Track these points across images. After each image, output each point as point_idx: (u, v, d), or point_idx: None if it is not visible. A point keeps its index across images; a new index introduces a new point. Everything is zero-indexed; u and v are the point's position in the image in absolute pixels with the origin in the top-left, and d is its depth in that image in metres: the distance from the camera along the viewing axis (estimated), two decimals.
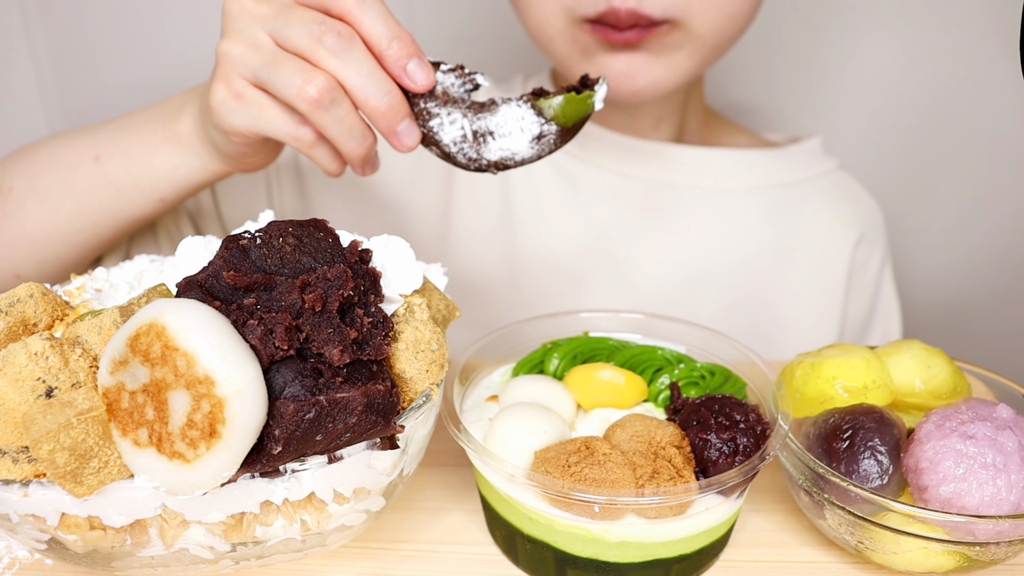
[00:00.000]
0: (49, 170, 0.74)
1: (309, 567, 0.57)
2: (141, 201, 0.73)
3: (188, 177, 0.72)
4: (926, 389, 0.61)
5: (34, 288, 0.51)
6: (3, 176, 0.75)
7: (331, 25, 0.58)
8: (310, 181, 0.95)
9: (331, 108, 0.59)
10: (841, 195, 1.02)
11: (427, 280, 0.56)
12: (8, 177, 0.75)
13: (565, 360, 0.64)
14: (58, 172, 0.73)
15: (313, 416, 0.43)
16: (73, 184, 0.73)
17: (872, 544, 0.54)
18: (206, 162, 0.71)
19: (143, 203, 0.73)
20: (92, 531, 0.46)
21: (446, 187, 0.97)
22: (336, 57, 0.58)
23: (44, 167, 0.74)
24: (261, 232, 0.48)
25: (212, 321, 0.42)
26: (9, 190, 0.74)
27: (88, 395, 0.44)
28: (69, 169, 0.73)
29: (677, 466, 0.53)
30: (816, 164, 1.01)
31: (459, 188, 0.97)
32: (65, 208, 0.73)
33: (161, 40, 1.20)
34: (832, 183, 1.02)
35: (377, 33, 0.58)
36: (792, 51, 1.21)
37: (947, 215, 1.27)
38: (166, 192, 0.72)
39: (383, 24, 0.58)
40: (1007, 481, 0.51)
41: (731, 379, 0.63)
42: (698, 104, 1.00)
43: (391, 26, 0.59)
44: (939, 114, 1.21)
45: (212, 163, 0.71)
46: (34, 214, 0.73)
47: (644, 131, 0.97)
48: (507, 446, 0.55)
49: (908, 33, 1.17)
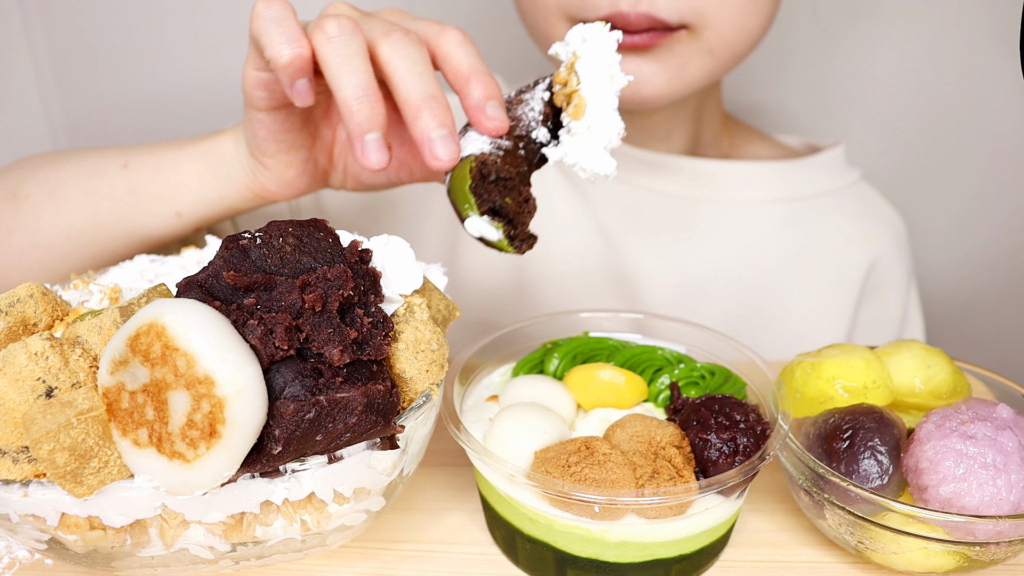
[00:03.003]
0: (72, 178, 0.73)
1: (309, 567, 0.57)
2: (159, 212, 0.71)
3: (211, 189, 0.70)
4: (926, 389, 0.61)
5: (34, 288, 0.51)
6: (20, 183, 0.74)
7: (405, 31, 0.55)
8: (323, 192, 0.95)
9: (343, 40, 0.53)
10: (862, 210, 0.98)
11: (427, 280, 0.56)
12: (26, 184, 0.74)
13: (565, 360, 0.64)
14: (81, 180, 0.72)
15: (313, 416, 0.43)
16: (94, 191, 0.72)
17: (872, 544, 0.54)
18: (233, 173, 0.69)
19: (160, 215, 0.71)
20: (92, 531, 0.46)
21: None
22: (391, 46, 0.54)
23: (68, 175, 0.73)
24: (261, 232, 0.48)
25: (212, 321, 0.42)
26: (26, 197, 0.73)
27: (88, 395, 0.44)
28: (93, 176, 0.72)
29: (677, 466, 0.53)
30: (837, 176, 0.98)
31: None
32: (81, 217, 0.72)
33: (161, 41, 1.20)
34: (853, 196, 0.98)
35: (462, 62, 0.55)
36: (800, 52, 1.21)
37: (947, 215, 1.27)
38: (185, 205, 0.70)
39: (474, 57, 0.56)
40: (1007, 481, 0.51)
41: (731, 379, 0.63)
42: (714, 113, 0.97)
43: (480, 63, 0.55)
44: (939, 114, 1.21)
45: (240, 176, 0.69)
46: (49, 222, 0.72)
47: (655, 143, 0.94)
48: (507, 446, 0.55)
49: (909, 34, 1.17)
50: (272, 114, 0.63)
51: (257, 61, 0.59)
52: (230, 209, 0.71)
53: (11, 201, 0.74)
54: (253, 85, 0.60)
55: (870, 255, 0.97)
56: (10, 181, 0.75)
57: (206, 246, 0.64)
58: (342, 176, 0.71)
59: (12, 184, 0.74)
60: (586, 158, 0.54)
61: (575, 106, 0.54)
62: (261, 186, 0.68)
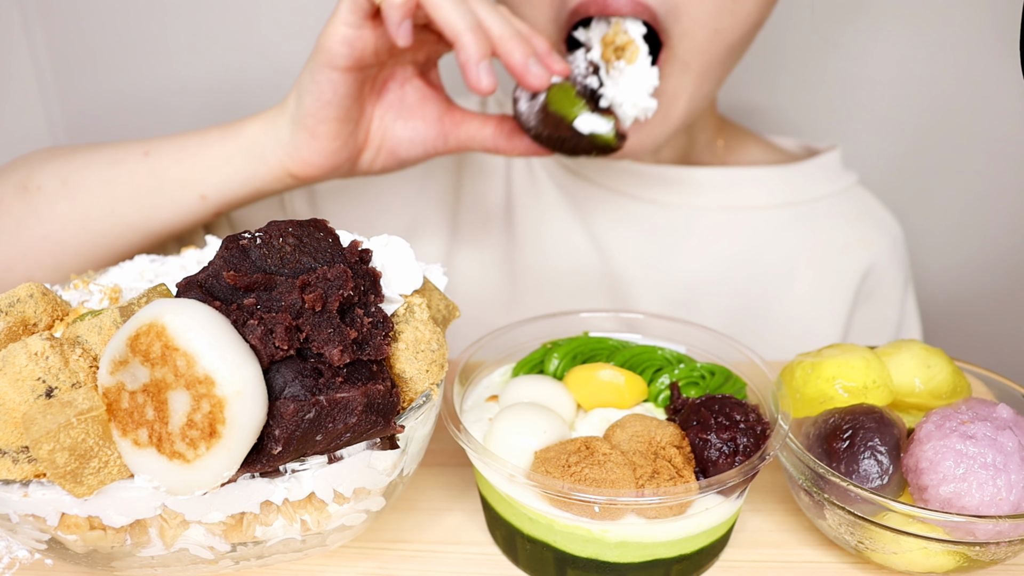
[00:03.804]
0: (87, 167, 0.73)
1: (309, 567, 0.57)
2: (182, 198, 0.72)
3: (240, 171, 0.71)
4: (926, 389, 0.61)
5: (34, 288, 0.52)
6: (29, 175, 0.74)
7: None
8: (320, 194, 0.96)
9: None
10: (859, 214, 0.98)
11: (427, 280, 0.56)
12: (36, 176, 0.74)
13: (565, 360, 0.64)
14: (96, 169, 0.73)
15: (313, 416, 0.43)
16: (112, 179, 0.72)
17: (872, 544, 0.54)
18: (267, 152, 0.71)
19: (183, 200, 0.72)
20: (92, 531, 0.46)
21: (453, 202, 0.97)
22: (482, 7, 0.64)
23: (82, 165, 0.73)
24: (261, 232, 0.48)
25: (212, 321, 0.42)
26: (37, 188, 0.73)
27: (88, 395, 0.44)
28: (111, 165, 0.73)
29: (677, 466, 0.53)
30: (833, 180, 0.97)
31: (465, 204, 0.96)
32: (98, 206, 0.73)
33: (160, 41, 1.20)
34: (850, 201, 0.98)
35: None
36: (796, 52, 1.21)
37: (947, 215, 1.27)
38: (211, 187, 0.72)
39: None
40: (1007, 481, 0.51)
41: (731, 379, 0.63)
42: (707, 119, 0.96)
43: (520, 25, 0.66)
44: (938, 114, 1.21)
45: (274, 154, 0.71)
46: (62, 212, 0.73)
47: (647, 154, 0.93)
48: (507, 446, 0.55)
49: (909, 34, 1.17)
50: (345, 75, 0.67)
51: (349, 17, 0.64)
52: (256, 191, 0.73)
53: (21, 194, 0.74)
54: (339, 42, 0.65)
55: (866, 260, 0.96)
56: (18, 175, 0.75)
57: (206, 246, 0.64)
58: (373, 155, 0.75)
59: (20, 177, 0.74)
60: (638, 94, 0.70)
61: (630, 52, 0.71)
62: (301, 159, 0.71)
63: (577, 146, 0.69)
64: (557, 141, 0.70)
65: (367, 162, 0.75)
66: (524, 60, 0.64)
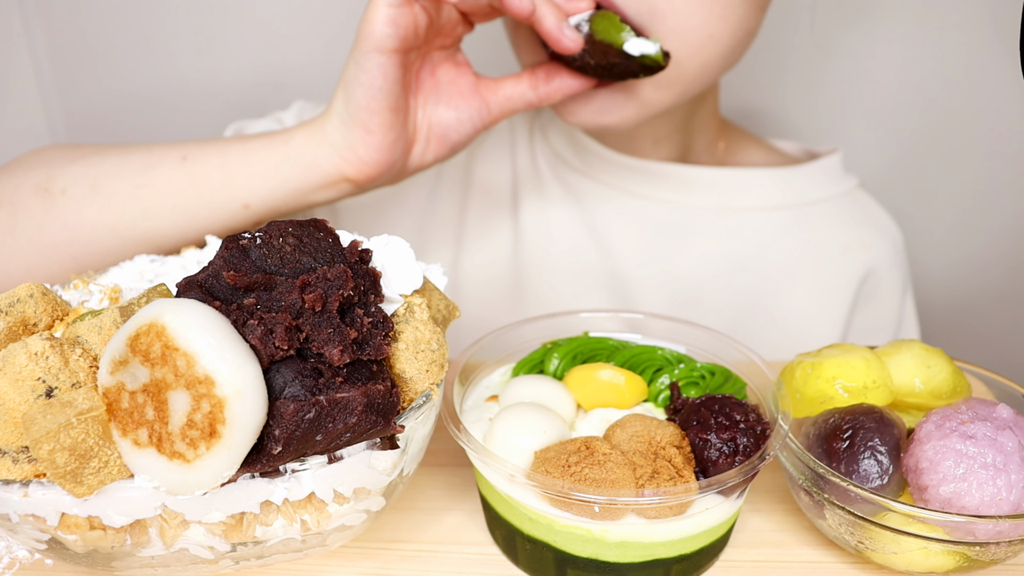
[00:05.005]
0: (117, 172, 0.71)
1: (309, 567, 0.57)
2: (223, 206, 0.70)
3: (288, 178, 0.70)
4: (926, 389, 0.61)
5: (34, 288, 0.51)
6: (50, 176, 0.71)
7: None
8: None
9: None
10: (859, 217, 0.98)
11: (427, 280, 0.56)
12: (59, 178, 0.71)
13: (565, 360, 0.64)
14: (128, 174, 0.71)
15: (313, 416, 0.43)
16: (147, 184, 0.70)
17: (872, 544, 0.54)
18: (319, 158, 0.70)
19: (224, 209, 0.71)
20: (92, 531, 0.46)
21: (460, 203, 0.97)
22: None
23: (112, 169, 0.71)
24: (261, 232, 0.48)
25: (212, 321, 0.42)
26: (61, 192, 0.71)
27: (88, 395, 0.44)
28: (145, 170, 0.71)
29: (677, 466, 0.53)
30: (834, 184, 0.97)
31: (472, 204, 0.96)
32: (130, 211, 0.70)
33: (161, 41, 1.20)
34: (850, 204, 0.98)
35: None
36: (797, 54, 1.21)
37: (947, 215, 1.27)
38: (256, 195, 0.70)
39: None
40: (1007, 481, 0.51)
41: (731, 379, 0.63)
42: (708, 120, 0.96)
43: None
44: (938, 115, 1.21)
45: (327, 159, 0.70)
46: (90, 217, 0.70)
47: (644, 151, 0.94)
48: (507, 446, 0.55)
49: (909, 36, 1.17)
50: (393, 57, 0.66)
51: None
52: (308, 202, 0.72)
53: (42, 196, 0.71)
54: (384, 22, 0.65)
55: (866, 263, 0.96)
56: (35, 175, 0.72)
57: (206, 246, 0.64)
58: (423, 147, 0.74)
59: (40, 178, 0.72)
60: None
61: None
62: (357, 158, 0.70)
63: (626, 70, 0.71)
64: (606, 68, 0.72)
65: (418, 156, 0.74)
66: (558, 26, 0.67)
